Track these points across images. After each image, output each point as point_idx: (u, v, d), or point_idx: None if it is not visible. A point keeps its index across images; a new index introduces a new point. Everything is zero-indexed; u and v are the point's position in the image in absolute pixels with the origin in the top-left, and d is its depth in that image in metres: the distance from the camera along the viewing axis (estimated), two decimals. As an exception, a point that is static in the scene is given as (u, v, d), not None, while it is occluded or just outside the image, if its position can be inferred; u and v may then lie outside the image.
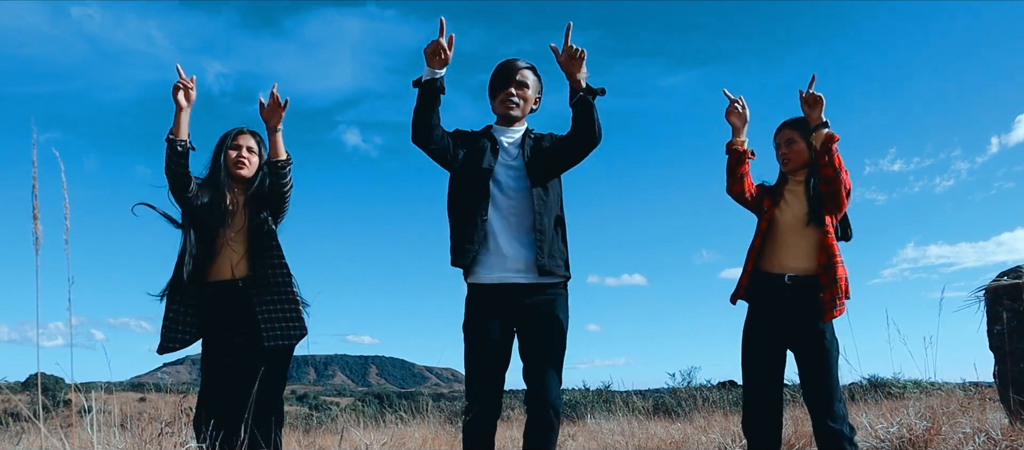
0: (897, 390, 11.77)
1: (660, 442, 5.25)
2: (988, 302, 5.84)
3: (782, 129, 3.45)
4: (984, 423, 4.85)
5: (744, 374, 3.39)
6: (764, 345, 3.32)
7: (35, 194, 1.97)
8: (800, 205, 3.32)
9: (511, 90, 3.12)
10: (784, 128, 3.44)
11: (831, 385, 3.20)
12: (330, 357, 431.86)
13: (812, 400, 3.23)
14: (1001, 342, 5.61)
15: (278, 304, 3.31)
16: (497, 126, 3.20)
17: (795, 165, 3.39)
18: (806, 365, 3.26)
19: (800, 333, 3.26)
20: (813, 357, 3.23)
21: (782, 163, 3.44)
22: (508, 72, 3.14)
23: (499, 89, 3.15)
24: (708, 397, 10.58)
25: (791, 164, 3.39)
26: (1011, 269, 5.83)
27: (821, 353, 3.21)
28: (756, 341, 3.35)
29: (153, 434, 3.34)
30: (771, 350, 3.31)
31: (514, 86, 3.13)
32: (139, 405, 4.93)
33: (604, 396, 14.50)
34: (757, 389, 3.33)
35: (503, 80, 3.14)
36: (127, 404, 4.57)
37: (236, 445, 2.93)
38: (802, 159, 3.37)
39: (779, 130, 3.47)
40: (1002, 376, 5.57)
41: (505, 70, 3.15)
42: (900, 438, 4.19)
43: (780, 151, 3.44)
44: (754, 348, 3.35)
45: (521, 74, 3.14)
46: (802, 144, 3.35)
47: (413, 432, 6.53)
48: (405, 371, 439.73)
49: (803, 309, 3.24)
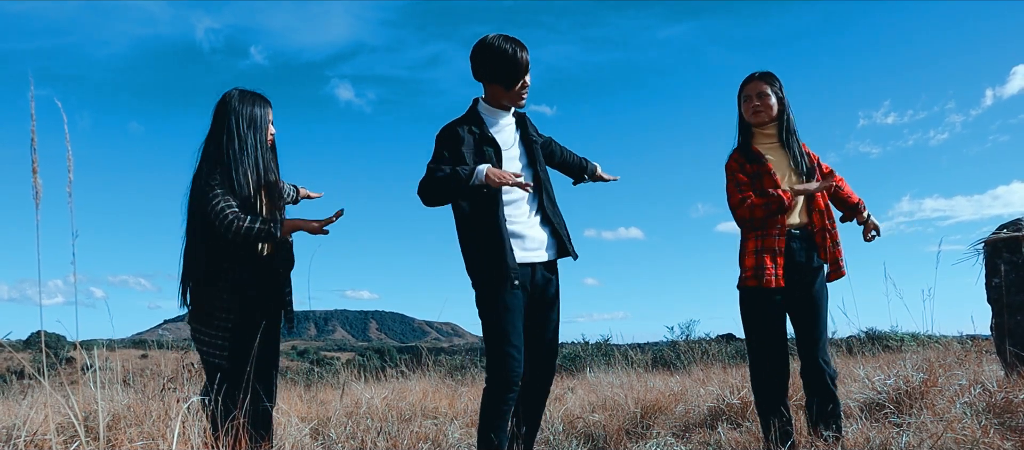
0: (895, 343, 11.86)
1: (659, 395, 5.29)
2: (987, 255, 5.86)
3: (753, 81, 3.41)
4: (980, 375, 4.89)
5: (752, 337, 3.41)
6: (771, 304, 3.34)
7: (34, 148, 1.95)
8: (785, 167, 3.35)
9: (527, 85, 3.17)
10: (755, 80, 3.41)
11: (822, 330, 3.33)
12: (330, 312, 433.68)
13: (805, 344, 3.32)
14: (999, 295, 5.65)
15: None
16: (487, 107, 3.20)
17: (766, 118, 3.38)
18: (803, 312, 3.33)
19: (800, 284, 3.31)
20: (810, 304, 3.32)
21: (751, 115, 3.39)
22: (523, 68, 3.11)
23: (513, 82, 3.11)
24: (707, 350, 10.64)
25: (762, 116, 3.37)
26: (1011, 222, 5.83)
27: (819, 302, 3.33)
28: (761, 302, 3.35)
29: (156, 390, 3.37)
30: (777, 309, 3.34)
31: (526, 82, 3.15)
32: (141, 362, 4.96)
33: (603, 349, 14.60)
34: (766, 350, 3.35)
35: (519, 73, 3.11)
36: (129, 361, 4.59)
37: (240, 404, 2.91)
38: (772, 113, 3.37)
39: (749, 82, 3.43)
40: (999, 329, 5.61)
41: (519, 61, 3.09)
42: (897, 390, 4.22)
43: (751, 103, 3.39)
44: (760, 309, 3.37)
45: (528, 67, 3.14)
46: (774, 98, 3.37)
47: (413, 386, 6.58)
48: (405, 326, 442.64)
49: (804, 262, 3.31)
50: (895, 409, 4.07)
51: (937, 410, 3.85)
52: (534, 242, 3.11)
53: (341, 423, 4.79)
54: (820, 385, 3.27)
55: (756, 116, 3.38)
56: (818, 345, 3.30)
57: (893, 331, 12.96)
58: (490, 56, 3.07)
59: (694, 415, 4.93)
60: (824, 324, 3.34)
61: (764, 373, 3.34)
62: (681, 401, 5.28)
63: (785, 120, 3.40)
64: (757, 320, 3.35)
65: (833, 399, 3.27)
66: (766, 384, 3.33)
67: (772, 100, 3.36)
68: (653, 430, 4.57)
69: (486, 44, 3.07)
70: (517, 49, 3.07)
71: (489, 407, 2.96)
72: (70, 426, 3.24)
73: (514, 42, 3.08)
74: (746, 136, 3.46)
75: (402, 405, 5.55)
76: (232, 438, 2.71)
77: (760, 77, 3.40)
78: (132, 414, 3.43)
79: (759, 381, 3.36)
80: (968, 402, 4.02)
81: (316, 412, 5.49)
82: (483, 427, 2.95)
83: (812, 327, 3.31)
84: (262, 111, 3.24)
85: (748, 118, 3.42)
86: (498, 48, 3.05)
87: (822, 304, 3.34)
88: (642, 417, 4.86)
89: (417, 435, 4.31)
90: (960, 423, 3.38)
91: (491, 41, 3.06)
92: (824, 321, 3.34)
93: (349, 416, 5.07)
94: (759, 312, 3.34)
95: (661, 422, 4.80)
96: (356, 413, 5.19)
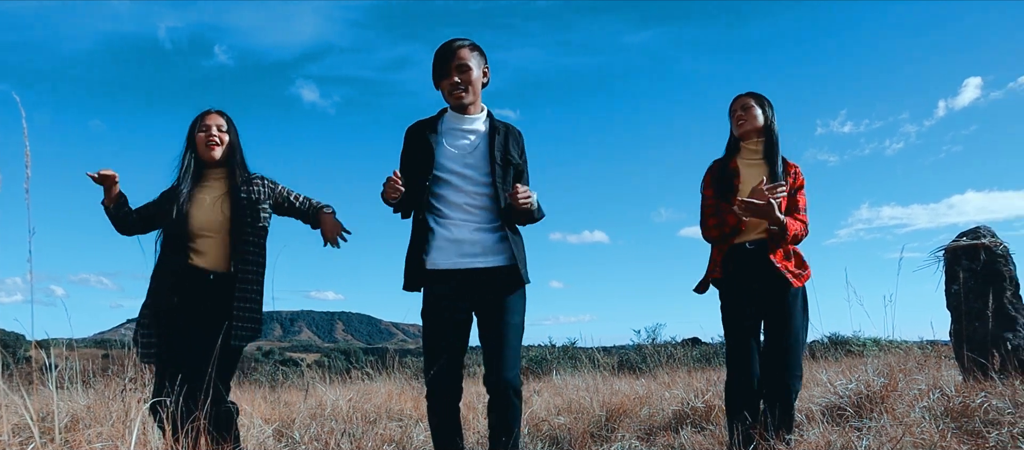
0: (858, 348, 12.03)
1: (624, 398, 5.32)
2: (947, 262, 5.96)
3: (739, 98, 3.54)
4: (939, 380, 4.98)
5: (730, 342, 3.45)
6: (743, 313, 3.39)
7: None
8: (756, 180, 3.38)
9: (454, 78, 2.94)
10: (741, 97, 3.53)
11: (793, 342, 3.32)
12: (296, 313, 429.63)
13: (771, 353, 3.34)
14: (957, 301, 5.75)
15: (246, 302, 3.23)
16: (452, 113, 3.05)
17: (750, 129, 3.46)
18: (774, 320, 3.36)
19: (770, 298, 3.35)
20: (781, 313, 3.34)
21: (737, 127, 3.51)
22: (447, 58, 2.94)
23: (442, 77, 2.98)
24: (673, 354, 10.72)
25: (746, 127, 3.47)
26: (970, 230, 5.95)
27: (791, 310, 3.34)
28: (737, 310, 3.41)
29: (116, 391, 3.32)
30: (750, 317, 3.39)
31: (456, 73, 2.94)
32: (103, 362, 4.88)
33: (570, 353, 14.64)
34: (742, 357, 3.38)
35: (443, 68, 2.96)
36: (91, 361, 4.52)
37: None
38: (757, 125, 3.46)
39: (736, 99, 3.55)
40: (957, 334, 5.72)
41: (444, 56, 2.95)
42: (858, 394, 4.29)
43: (736, 116, 3.51)
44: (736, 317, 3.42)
45: (460, 57, 2.94)
46: (758, 110, 3.46)
47: (379, 388, 6.55)
48: (372, 327, 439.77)
49: (770, 274, 3.34)
50: (856, 413, 4.13)
51: (897, 414, 3.91)
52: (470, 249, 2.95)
53: (305, 424, 4.75)
54: (781, 398, 3.28)
55: (740, 127, 3.49)
56: (787, 356, 3.29)
57: (856, 336, 13.14)
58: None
59: (659, 418, 4.96)
60: (795, 336, 3.33)
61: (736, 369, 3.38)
62: (646, 404, 5.31)
63: (770, 136, 3.47)
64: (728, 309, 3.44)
65: (789, 413, 3.30)
66: (737, 379, 3.37)
67: (756, 112, 3.45)
68: (618, 433, 4.58)
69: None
70: (443, 43, 2.97)
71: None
72: (27, 427, 3.18)
73: (450, 40, 2.98)
74: (731, 152, 3.56)
75: (367, 407, 5.52)
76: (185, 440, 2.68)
77: (746, 94, 3.53)
78: (91, 415, 3.37)
79: (732, 374, 3.41)
80: (927, 406, 4.09)
81: (280, 414, 5.43)
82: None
83: (780, 336, 3.32)
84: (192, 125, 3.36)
85: (735, 131, 3.53)
86: (435, 51, 2.99)
87: (794, 314, 3.35)
88: (607, 420, 4.88)
89: (382, 437, 4.29)
90: (919, 427, 3.44)
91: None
92: (795, 333, 3.34)
93: (313, 418, 5.04)
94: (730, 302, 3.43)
95: (626, 425, 4.82)
96: (321, 414, 5.15)
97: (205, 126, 3.29)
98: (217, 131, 3.29)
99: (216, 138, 3.28)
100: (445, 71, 2.94)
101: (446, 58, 2.94)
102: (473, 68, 2.95)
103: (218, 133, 3.29)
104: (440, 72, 2.96)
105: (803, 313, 3.40)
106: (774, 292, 3.34)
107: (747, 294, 3.38)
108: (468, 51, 2.95)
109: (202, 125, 3.30)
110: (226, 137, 3.32)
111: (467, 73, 2.94)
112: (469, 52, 2.95)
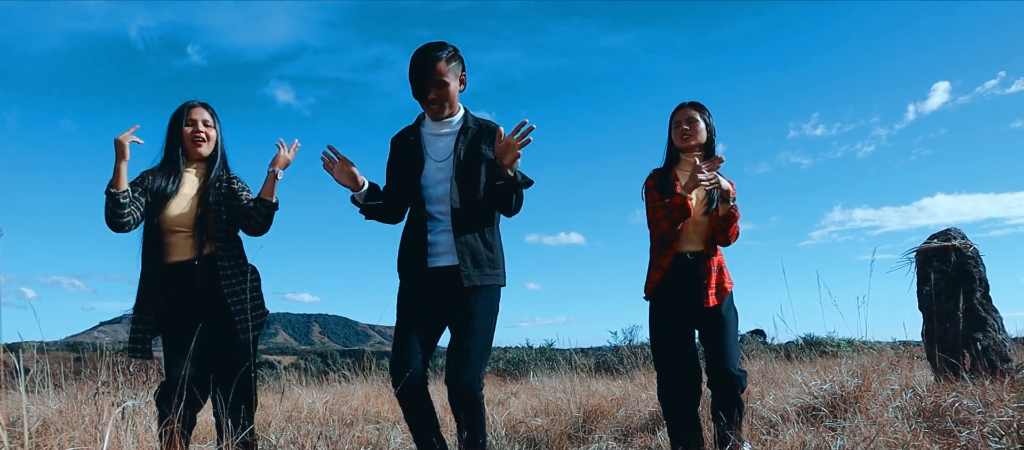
0: (832, 349, 12.14)
1: (601, 400, 5.33)
2: (919, 264, 6.04)
3: (684, 108, 3.54)
4: (912, 380, 5.04)
5: (658, 349, 3.50)
6: (677, 318, 3.43)
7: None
8: (699, 192, 3.41)
9: (431, 96, 2.93)
10: (685, 108, 3.54)
11: (729, 340, 3.41)
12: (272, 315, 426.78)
13: (712, 356, 3.41)
14: (929, 302, 5.83)
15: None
16: (429, 120, 3.05)
17: (694, 143, 3.49)
18: (708, 326, 3.42)
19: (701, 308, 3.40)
20: (714, 319, 3.41)
21: (680, 140, 3.50)
22: (425, 73, 2.90)
23: (419, 95, 2.96)
24: (649, 355, 10.74)
25: (691, 142, 3.48)
26: (941, 232, 6.03)
27: (725, 315, 3.43)
28: (670, 316, 3.45)
29: (89, 394, 3.28)
30: (684, 323, 3.44)
31: (433, 90, 2.92)
32: (76, 365, 4.82)
33: (547, 354, 14.64)
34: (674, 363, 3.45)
35: (420, 85, 2.93)
36: (63, 364, 4.46)
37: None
38: (701, 140, 3.50)
39: (680, 108, 3.55)
40: (929, 335, 5.79)
41: (421, 70, 2.90)
42: (832, 394, 4.32)
43: (681, 129, 3.50)
44: (667, 323, 3.46)
45: (438, 72, 2.89)
46: (702, 125, 3.49)
47: (356, 390, 6.52)
48: (349, 329, 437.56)
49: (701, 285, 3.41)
50: (830, 413, 4.16)
51: (870, 414, 3.94)
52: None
53: (281, 427, 4.72)
54: (727, 391, 3.35)
55: (685, 141, 3.49)
56: (727, 355, 3.36)
57: (830, 337, 13.26)
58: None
59: (636, 420, 4.98)
60: (731, 335, 3.42)
61: (670, 382, 3.45)
62: (623, 406, 5.33)
63: (711, 147, 3.53)
64: (658, 328, 3.48)
65: (738, 403, 3.38)
66: (673, 394, 3.45)
67: (701, 126, 3.49)
68: (595, 434, 4.59)
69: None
70: (418, 51, 2.93)
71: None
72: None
73: (422, 48, 2.93)
74: (672, 162, 3.58)
75: (344, 409, 5.50)
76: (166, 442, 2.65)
77: (690, 105, 3.54)
78: (63, 419, 3.33)
79: (665, 390, 3.48)
80: (900, 406, 4.14)
81: (256, 416, 5.39)
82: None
83: (718, 339, 3.39)
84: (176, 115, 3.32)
85: (677, 143, 3.53)
86: (411, 58, 2.94)
87: (728, 317, 3.43)
88: (584, 421, 4.89)
89: (359, 439, 4.27)
90: (892, 427, 3.48)
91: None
92: (731, 332, 3.43)
93: (289, 420, 5.00)
94: (659, 320, 3.47)
95: (603, 426, 4.83)
96: (297, 417, 5.12)
97: (191, 120, 3.25)
98: (203, 126, 3.27)
99: (203, 134, 3.26)
100: (423, 90, 2.93)
101: (424, 73, 2.90)
102: (450, 81, 2.93)
103: (205, 129, 3.27)
104: (418, 88, 2.94)
105: (733, 311, 3.49)
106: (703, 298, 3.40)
107: (681, 304, 3.42)
108: (445, 64, 2.91)
109: (188, 119, 3.25)
110: (212, 132, 3.30)
111: (444, 89, 2.93)
112: (445, 65, 2.91)
